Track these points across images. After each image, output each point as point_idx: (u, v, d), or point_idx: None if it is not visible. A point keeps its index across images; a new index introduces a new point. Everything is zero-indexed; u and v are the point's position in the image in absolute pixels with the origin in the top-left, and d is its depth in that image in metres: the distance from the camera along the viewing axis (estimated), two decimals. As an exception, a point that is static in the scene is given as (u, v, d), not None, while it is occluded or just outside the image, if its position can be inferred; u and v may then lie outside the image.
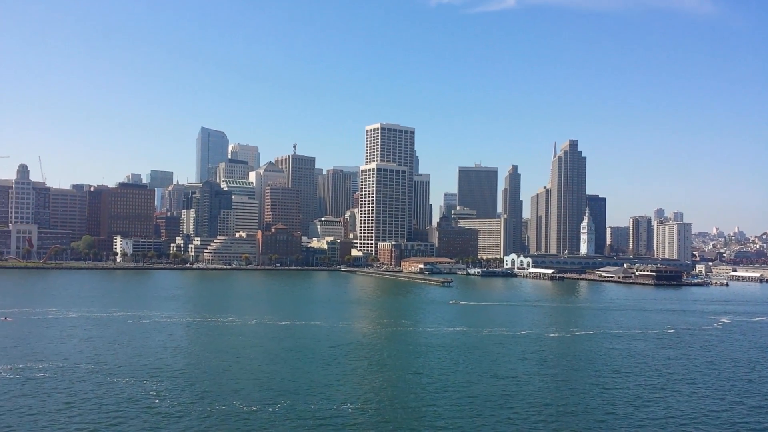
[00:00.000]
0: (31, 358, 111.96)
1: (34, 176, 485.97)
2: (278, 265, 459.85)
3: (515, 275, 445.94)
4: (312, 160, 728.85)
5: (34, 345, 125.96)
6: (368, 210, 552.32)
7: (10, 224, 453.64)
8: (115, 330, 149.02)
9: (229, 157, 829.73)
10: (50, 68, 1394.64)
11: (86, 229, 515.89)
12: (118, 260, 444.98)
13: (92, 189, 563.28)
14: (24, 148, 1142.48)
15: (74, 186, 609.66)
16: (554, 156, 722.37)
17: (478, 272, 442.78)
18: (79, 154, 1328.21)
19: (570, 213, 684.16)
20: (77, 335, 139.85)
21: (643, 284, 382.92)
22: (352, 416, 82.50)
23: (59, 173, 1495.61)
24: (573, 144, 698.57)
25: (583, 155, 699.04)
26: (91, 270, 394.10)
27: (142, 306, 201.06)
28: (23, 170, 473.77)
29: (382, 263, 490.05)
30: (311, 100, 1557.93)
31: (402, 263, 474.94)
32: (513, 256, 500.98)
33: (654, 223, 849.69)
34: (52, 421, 76.74)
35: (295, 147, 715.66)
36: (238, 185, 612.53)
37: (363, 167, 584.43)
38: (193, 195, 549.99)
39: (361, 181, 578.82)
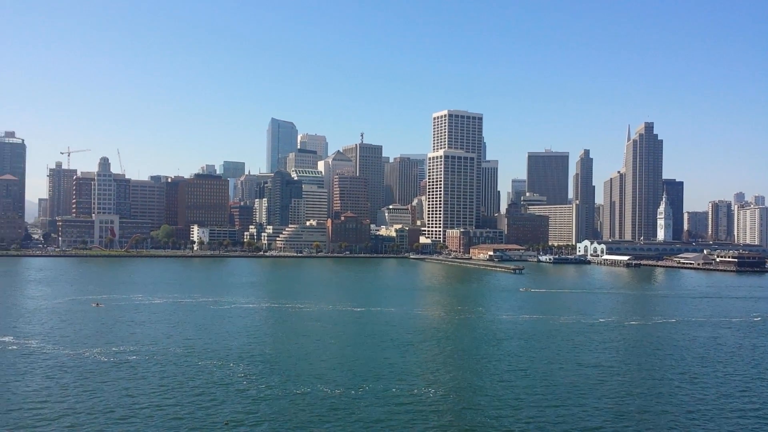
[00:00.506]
0: (123, 342, 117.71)
1: (114, 168, 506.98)
2: (348, 252, 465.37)
3: (589, 262, 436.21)
4: (379, 149, 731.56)
5: (124, 330, 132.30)
6: (436, 197, 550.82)
7: (93, 214, 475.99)
8: (200, 315, 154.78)
9: (298, 147, 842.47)
10: (127, 65, 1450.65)
11: (164, 218, 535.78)
12: (195, 248, 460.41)
13: (169, 180, 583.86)
14: (103, 142, 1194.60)
15: (152, 177, 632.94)
16: (628, 139, 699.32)
17: (550, 259, 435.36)
18: (155, 147, 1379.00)
19: (645, 198, 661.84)
20: (165, 320, 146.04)
21: (725, 271, 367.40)
22: (435, 402, 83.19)
23: (137, 165, 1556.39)
24: (649, 126, 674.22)
25: (659, 138, 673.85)
26: (170, 258, 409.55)
27: (222, 292, 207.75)
28: (104, 163, 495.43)
29: (451, 250, 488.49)
30: (378, 88, 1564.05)
31: (471, 250, 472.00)
32: (586, 242, 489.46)
33: (734, 207, 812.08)
34: (150, 403, 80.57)
35: (362, 136, 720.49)
36: (308, 174, 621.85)
37: (430, 155, 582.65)
38: (265, 185, 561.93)
39: (429, 169, 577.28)
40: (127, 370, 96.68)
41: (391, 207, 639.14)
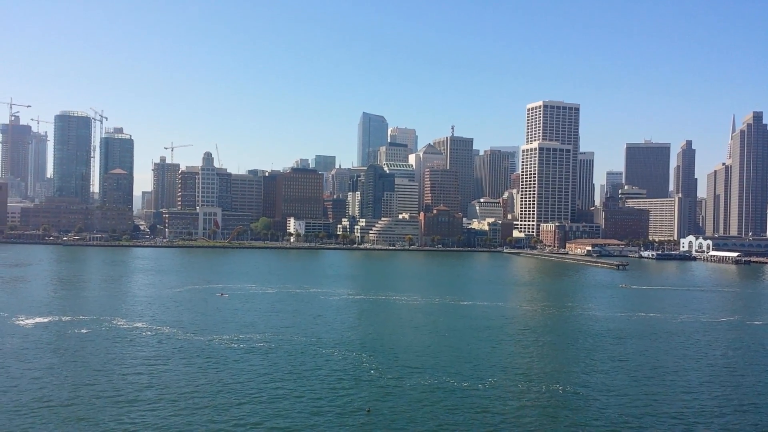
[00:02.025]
0: (249, 330, 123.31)
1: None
2: (440, 246, 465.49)
3: (694, 259, 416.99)
4: (470, 141, 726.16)
5: (248, 318, 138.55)
6: (530, 190, 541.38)
7: (197, 207, 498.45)
8: (313, 305, 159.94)
9: (389, 140, 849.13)
10: (226, 62, 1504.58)
11: (262, 211, 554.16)
12: (291, 240, 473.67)
13: (267, 174, 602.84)
14: (203, 137, 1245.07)
15: (249, 171, 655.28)
16: (733, 130, 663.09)
17: (653, 255, 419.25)
18: (250, 142, 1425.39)
19: (754, 191, 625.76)
20: (283, 309, 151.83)
21: None
22: (565, 399, 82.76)
23: (234, 159, 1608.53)
24: (757, 116, 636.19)
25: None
26: (269, 249, 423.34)
27: (328, 283, 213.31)
28: (208, 158, 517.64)
29: (545, 245, 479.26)
30: (469, 81, 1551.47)
31: (567, 245, 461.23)
32: (690, 238, 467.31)
33: None
34: (290, 389, 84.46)
35: (453, 129, 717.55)
36: (399, 168, 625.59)
37: (524, 147, 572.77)
38: (358, 178, 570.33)
39: (523, 161, 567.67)
40: (258, 357, 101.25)
41: (482, 200, 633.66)
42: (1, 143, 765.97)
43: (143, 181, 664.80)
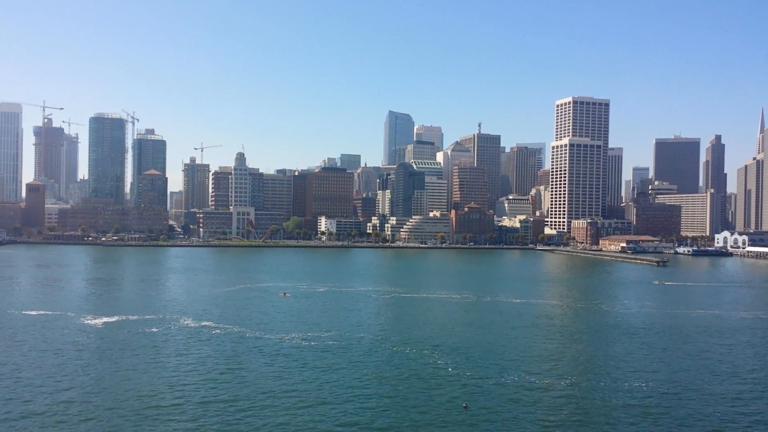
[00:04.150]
0: (317, 329, 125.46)
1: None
2: (472, 243, 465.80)
3: (730, 254, 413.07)
4: (497, 138, 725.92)
5: (311, 317, 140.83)
6: (560, 187, 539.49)
7: (230, 207, 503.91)
8: (368, 303, 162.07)
9: (415, 138, 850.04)
10: (249, 63, 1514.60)
11: (293, 210, 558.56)
12: (323, 239, 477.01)
13: (296, 173, 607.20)
14: (230, 137, 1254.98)
15: (277, 171, 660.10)
16: (763, 123, 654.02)
17: (688, 251, 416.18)
18: (276, 141, 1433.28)
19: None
20: (340, 308, 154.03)
21: None
22: (646, 397, 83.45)
23: (260, 159, 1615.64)
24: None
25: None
26: (303, 248, 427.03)
27: (372, 281, 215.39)
28: (240, 158, 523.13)
29: (578, 242, 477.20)
30: (494, 78, 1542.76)
31: (600, 242, 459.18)
32: (725, 233, 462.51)
33: None
34: (376, 389, 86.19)
35: (479, 126, 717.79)
36: (428, 166, 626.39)
37: (554, 143, 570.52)
38: (388, 177, 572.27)
39: (552, 158, 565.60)
40: (332, 356, 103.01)
41: (510, 197, 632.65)
42: (35, 145, 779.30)
43: (172, 182, 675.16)
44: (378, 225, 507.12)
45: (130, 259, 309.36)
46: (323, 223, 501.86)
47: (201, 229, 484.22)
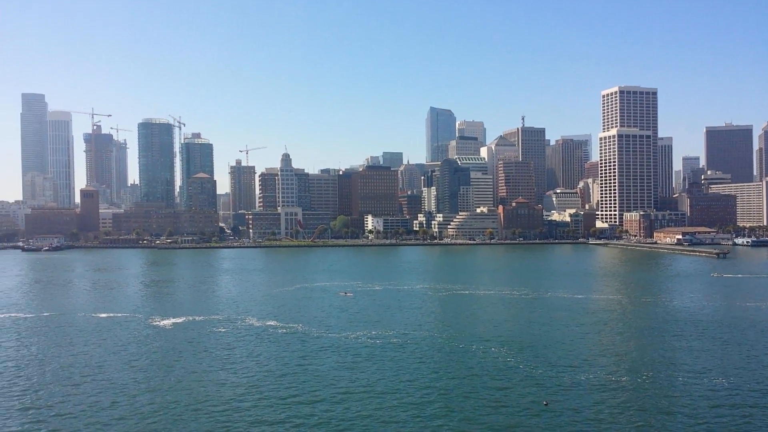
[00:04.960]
0: (380, 327, 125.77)
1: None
2: (521, 239, 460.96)
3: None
4: (542, 131, 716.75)
5: (373, 315, 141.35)
6: (610, 179, 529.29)
7: (278, 207, 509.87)
8: (426, 301, 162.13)
9: (457, 134, 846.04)
10: (290, 64, 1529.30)
11: (339, 209, 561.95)
12: (371, 237, 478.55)
13: (340, 172, 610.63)
14: (274, 138, 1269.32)
15: (321, 170, 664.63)
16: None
17: (747, 242, 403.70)
18: (318, 141, 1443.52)
19: None
20: (402, 305, 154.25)
21: None
22: (730, 394, 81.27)
23: (304, 159, 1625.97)
24: None
25: None
26: (351, 247, 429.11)
27: (426, 279, 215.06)
28: (286, 159, 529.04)
29: (631, 235, 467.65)
30: (536, 69, 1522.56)
31: (655, 234, 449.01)
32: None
33: None
34: (456, 386, 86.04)
35: (523, 119, 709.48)
36: (472, 161, 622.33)
37: (602, 134, 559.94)
38: (433, 173, 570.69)
39: (601, 149, 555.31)
40: (406, 354, 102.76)
41: (558, 191, 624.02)
42: (86, 152, 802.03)
43: (219, 184, 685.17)
44: (424, 222, 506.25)
45: (185, 261, 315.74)
46: (370, 222, 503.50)
47: (250, 230, 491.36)
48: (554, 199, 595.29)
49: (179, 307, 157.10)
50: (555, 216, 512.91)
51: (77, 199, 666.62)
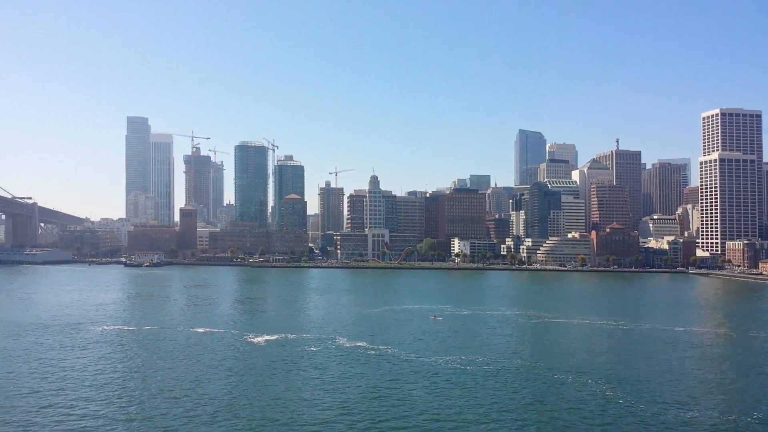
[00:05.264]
0: (471, 352, 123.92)
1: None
2: (615, 266, 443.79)
3: None
4: (637, 155, 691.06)
5: (464, 340, 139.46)
6: (711, 206, 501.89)
7: (365, 229, 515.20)
8: (516, 328, 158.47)
9: (547, 157, 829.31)
10: (376, 88, 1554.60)
11: (425, 231, 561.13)
12: (457, 261, 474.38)
13: (427, 195, 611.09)
14: (362, 160, 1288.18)
15: (408, 193, 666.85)
16: None
17: None
18: (404, 163, 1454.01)
19: None
20: (493, 331, 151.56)
21: None
22: None
23: (390, 181, 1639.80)
24: None
25: None
26: (437, 270, 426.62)
27: (515, 305, 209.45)
28: (374, 181, 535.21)
29: (735, 265, 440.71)
30: (630, 90, 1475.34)
31: (760, 265, 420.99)
32: None
33: None
34: (540, 420, 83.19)
35: (617, 141, 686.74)
36: (563, 185, 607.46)
37: (702, 158, 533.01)
38: (521, 197, 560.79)
39: (701, 174, 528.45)
40: (499, 382, 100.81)
41: (655, 217, 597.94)
42: (185, 173, 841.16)
43: (308, 205, 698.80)
44: (513, 246, 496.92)
45: (276, 280, 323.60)
46: (456, 245, 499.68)
47: (338, 251, 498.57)
48: (651, 225, 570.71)
49: (272, 324, 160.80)
50: (652, 243, 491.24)
51: (176, 218, 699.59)
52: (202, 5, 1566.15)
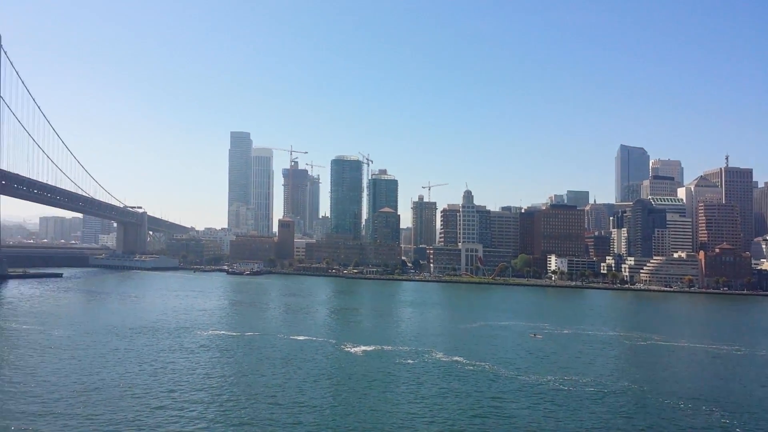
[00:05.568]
0: (572, 373, 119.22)
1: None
2: (725, 288, 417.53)
3: None
4: (748, 172, 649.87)
5: (564, 360, 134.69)
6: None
7: (459, 243, 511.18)
8: (627, 351, 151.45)
9: (651, 173, 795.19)
10: (469, 104, 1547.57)
11: (520, 247, 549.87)
12: (554, 278, 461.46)
13: (523, 210, 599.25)
14: (456, 175, 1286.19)
15: (502, 208, 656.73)
16: None
17: None
18: (499, 179, 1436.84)
19: None
20: (596, 352, 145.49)
21: None
22: None
23: (484, 196, 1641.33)
24: None
25: None
26: (532, 287, 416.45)
27: (621, 326, 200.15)
28: (468, 195, 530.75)
29: None
30: (742, 105, 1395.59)
31: None
32: None
33: None
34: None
35: (727, 159, 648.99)
36: (668, 202, 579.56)
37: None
38: (623, 214, 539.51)
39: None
40: (601, 406, 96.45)
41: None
42: (284, 186, 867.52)
43: (401, 219, 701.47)
44: (613, 265, 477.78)
45: (370, 291, 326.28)
46: (553, 262, 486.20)
47: (431, 265, 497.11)
48: (764, 246, 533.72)
49: (368, 335, 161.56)
50: (765, 265, 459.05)
51: (274, 228, 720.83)
52: (299, 28, 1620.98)
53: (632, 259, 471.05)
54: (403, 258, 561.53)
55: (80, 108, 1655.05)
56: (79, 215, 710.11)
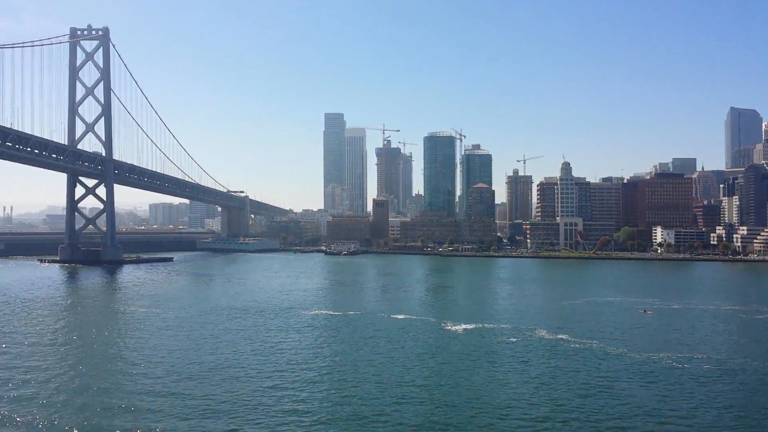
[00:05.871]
0: (686, 350, 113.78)
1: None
2: None
3: None
4: None
5: (677, 336, 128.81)
6: None
7: (557, 217, 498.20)
8: (754, 326, 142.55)
9: (764, 137, 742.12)
10: (563, 72, 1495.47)
11: (622, 220, 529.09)
12: (660, 251, 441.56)
13: (625, 181, 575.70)
14: (551, 147, 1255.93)
15: (603, 179, 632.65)
16: None
17: None
18: (600, 149, 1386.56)
19: None
20: (712, 329, 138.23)
21: None
22: None
23: (583, 168, 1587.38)
24: None
25: None
26: (636, 260, 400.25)
27: (738, 300, 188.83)
28: (566, 167, 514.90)
29: None
30: None
31: None
32: None
33: None
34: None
35: None
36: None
37: None
38: (735, 181, 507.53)
39: None
40: (722, 384, 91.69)
41: None
42: (377, 165, 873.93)
43: (496, 194, 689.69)
44: (724, 235, 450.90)
45: (466, 269, 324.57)
46: (659, 234, 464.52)
47: (528, 240, 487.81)
48: None
49: (467, 313, 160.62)
50: None
51: (369, 208, 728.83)
52: (388, 8, 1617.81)
53: (745, 228, 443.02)
54: (498, 234, 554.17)
55: (184, 98, 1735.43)
56: (186, 201, 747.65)
